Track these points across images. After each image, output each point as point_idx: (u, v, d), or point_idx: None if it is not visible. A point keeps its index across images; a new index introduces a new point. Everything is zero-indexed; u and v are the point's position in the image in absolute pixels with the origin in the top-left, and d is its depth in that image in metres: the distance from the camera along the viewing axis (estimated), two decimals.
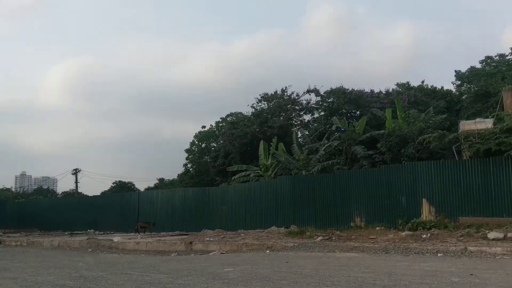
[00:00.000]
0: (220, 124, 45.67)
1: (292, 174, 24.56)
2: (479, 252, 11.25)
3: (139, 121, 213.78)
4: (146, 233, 22.79)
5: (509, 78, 25.50)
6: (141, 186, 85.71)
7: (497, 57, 33.89)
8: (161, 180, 64.06)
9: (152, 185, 64.48)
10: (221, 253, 14.68)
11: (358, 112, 33.30)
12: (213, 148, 43.10)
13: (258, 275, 8.41)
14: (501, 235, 12.94)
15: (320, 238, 15.47)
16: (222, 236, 17.64)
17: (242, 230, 20.72)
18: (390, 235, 14.92)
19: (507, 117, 17.65)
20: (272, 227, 19.61)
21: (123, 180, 67.56)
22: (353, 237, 15.32)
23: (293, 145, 28.58)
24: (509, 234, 13.00)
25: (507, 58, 32.70)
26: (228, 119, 44.43)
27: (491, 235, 13.10)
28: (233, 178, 29.82)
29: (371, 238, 14.72)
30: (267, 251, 14.07)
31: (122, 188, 61.68)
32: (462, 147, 19.59)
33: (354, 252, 12.72)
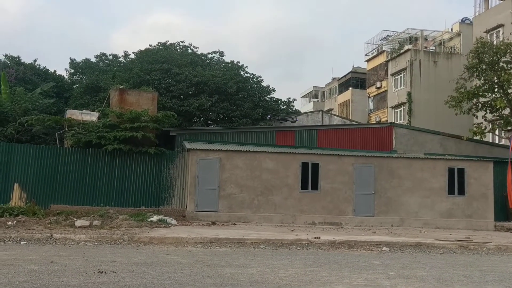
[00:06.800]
0: None
1: None
2: (64, 240, 11.41)
3: None
4: None
5: (118, 78, 27.44)
6: None
7: (111, 56, 35.94)
8: None
9: None
10: None
11: None
12: None
13: None
14: (87, 223, 13.59)
15: None
16: None
17: None
18: None
19: (111, 113, 18.93)
20: None
21: None
22: None
23: None
24: (94, 222, 13.82)
25: (119, 59, 35.16)
26: None
27: (78, 222, 13.58)
28: None
29: None
30: None
31: None
32: (65, 135, 19.65)
33: None
